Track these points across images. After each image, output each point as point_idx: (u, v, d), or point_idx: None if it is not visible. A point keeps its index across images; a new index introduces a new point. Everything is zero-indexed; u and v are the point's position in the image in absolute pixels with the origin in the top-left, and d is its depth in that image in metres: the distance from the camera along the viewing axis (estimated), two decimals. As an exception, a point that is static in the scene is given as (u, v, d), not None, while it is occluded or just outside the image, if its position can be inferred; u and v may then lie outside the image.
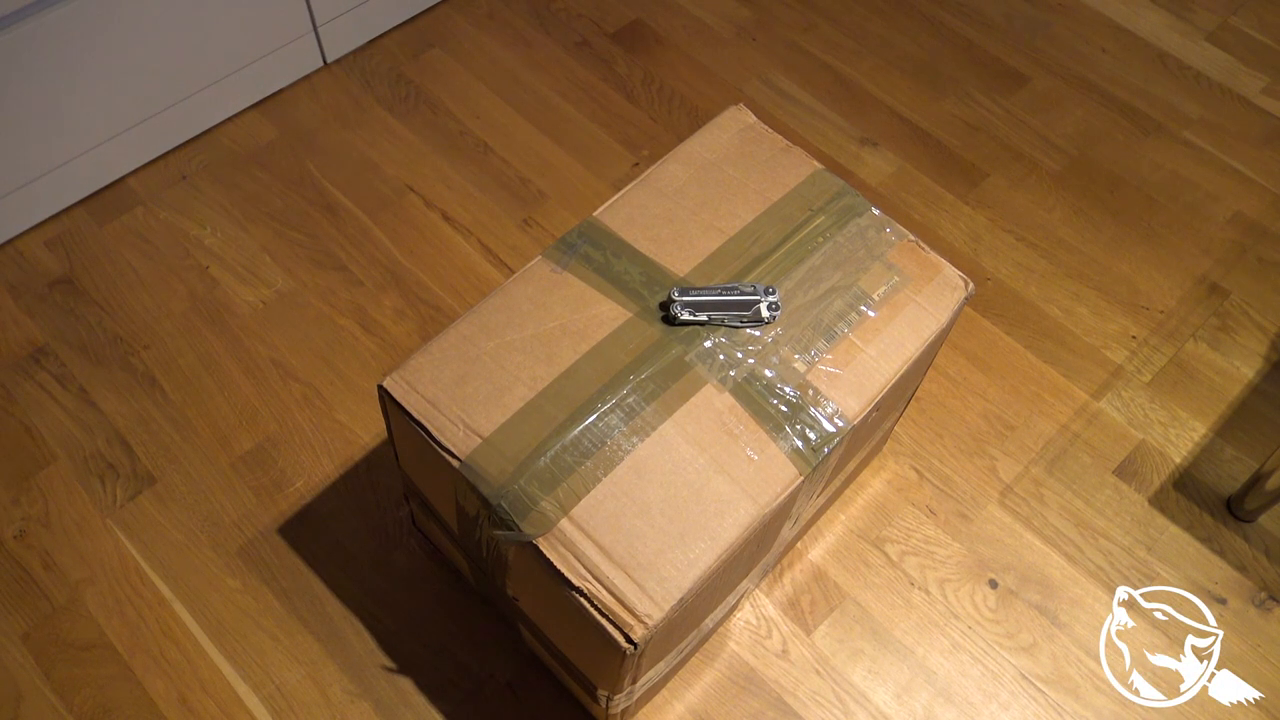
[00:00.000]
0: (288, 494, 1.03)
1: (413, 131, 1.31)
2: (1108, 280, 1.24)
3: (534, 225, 1.24)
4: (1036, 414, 1.13)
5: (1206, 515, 1.08)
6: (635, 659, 0.69)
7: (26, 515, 1.01)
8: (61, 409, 1.07)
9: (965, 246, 1.26)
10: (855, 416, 0.76)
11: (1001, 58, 1.45)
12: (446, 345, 0.76)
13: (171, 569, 0.99)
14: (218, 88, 1.26)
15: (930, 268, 0.83)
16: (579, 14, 1.45)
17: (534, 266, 0.80)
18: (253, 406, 1.08)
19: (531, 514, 0.69)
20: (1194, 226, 1.29)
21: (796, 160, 0.88)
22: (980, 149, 1.35)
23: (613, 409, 0.73)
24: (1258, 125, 1.40)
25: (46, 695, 0.92)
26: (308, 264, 1.19)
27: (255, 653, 0.95)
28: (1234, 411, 1.15)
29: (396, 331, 1.14)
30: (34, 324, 1.13)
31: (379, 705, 0.92)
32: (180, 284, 1.17)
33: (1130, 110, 1.40)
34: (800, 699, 0.95)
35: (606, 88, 1.37)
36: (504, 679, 0.94)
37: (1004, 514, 1.06)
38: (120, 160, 1.22)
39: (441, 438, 0.72)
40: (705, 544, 0.69)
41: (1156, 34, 1.49)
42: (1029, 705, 0.96)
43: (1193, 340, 1.20)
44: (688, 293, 0.77)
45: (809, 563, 1.02)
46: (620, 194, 0.85)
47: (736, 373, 0.76)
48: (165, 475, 1.04)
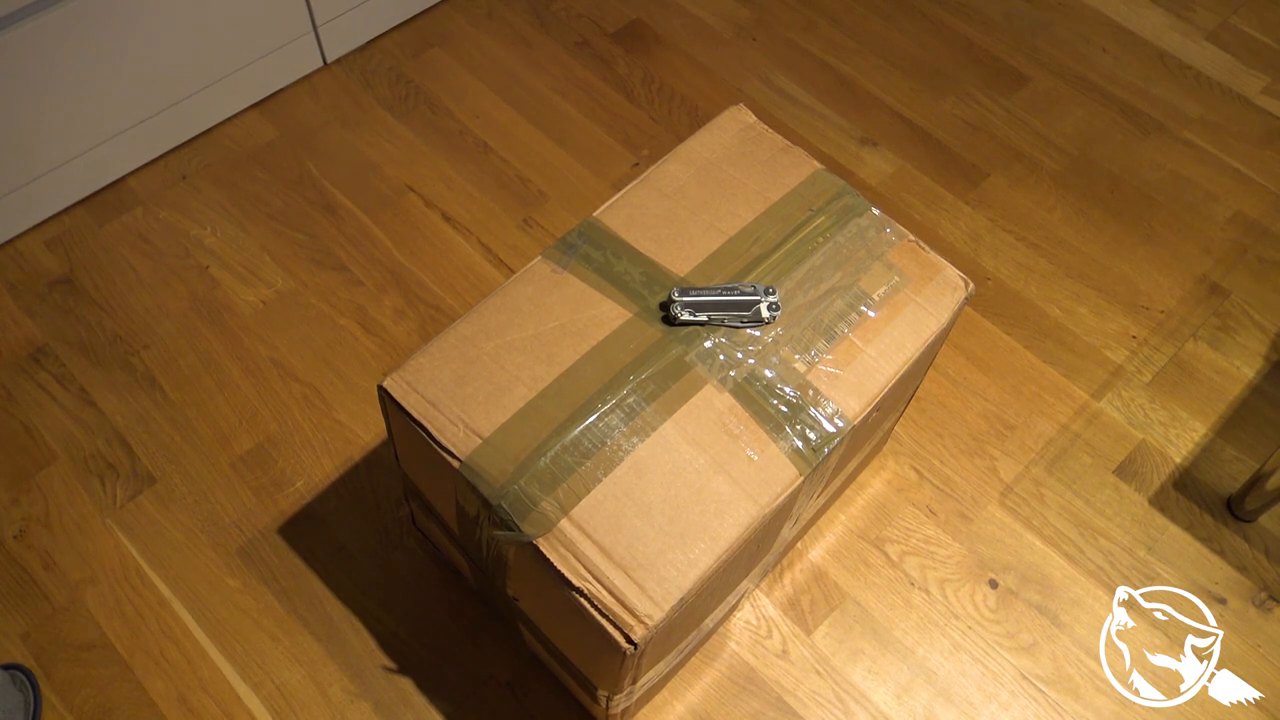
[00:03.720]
0: (288, 494, 1.03)
1: (413, 131, 1.31)
2: (1108, 280, 1.24)
3: (534, 225, 1.24)
4: (1037, 414, 1.13)
5: (1206, 515, 1.08)
6: (635, 659, 0.69)
7: (26, 515, 1.01)
8: (61, 409, 1.07)
9: (965, 246, 1.26)
10: (855, 417, 0.76)
11: (1002, 57, 1.45)
12: (446, 345, 0.76)
13: (171, 569, 0.99)
14: (218, 88, 1.26)
15: (930, 268, 0.83)
16: (579, 14, 1.45)
17: (534, 266, 0.80)
18: (253, 406, 1.08)
19: (531, 514, 0.69)
20: (1194, 226, 1.29)
21: (796, 160, 0.88)
22: (980, 149, 1.35)
23: (613, 409, 0.73)
24: (1258, 125, 1.39)
25: (47, 695, 0.92)
26: (308, 264, 1.19)
27: (255, 653, 0.95)
28: (1234, 411, 1.15)
29: (396, 331, 1.14)
30: (34, 324, 1.13)
31: (379, 705, 0.92)
32: (180, 284, 1.17)
33: (1130, 110, 1.40)
34: (800, 699, 0.95)
35: (606, 87, 1.37)
36: (504, 679, 0.94)
37: (1004, 514, 1.06)
38: (120, 160, 1.22)
39: (441, 438, 0.72)
40: (705, 544, 0.69)
41: (1157, 34, 1.49)
42: (1029, 705, 0.96)
43: (1193, 340, 1.20)
44: (688, 293, 0.77)
45: (809, 563, 1.02)
46: (620, 194, 0.85)
47: (737, 373, 0.76)
48: (165, 475, 1.04)
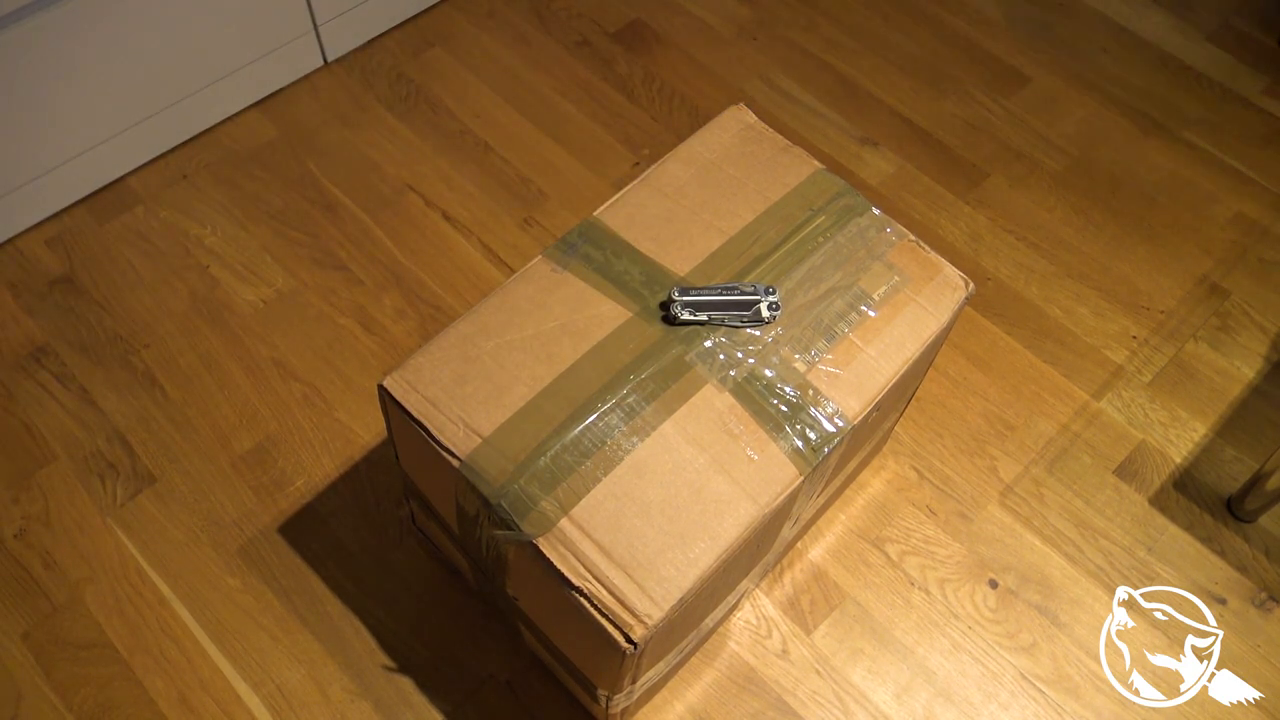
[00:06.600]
0: (288, 493, 1.03)
1: (413, 131, 1.31)
2: (1108, 280, 1.24)
3: (534, 225, 1.24)
4: (1037, 414, 1.13)
5: (1206, 515, 1.08)
6: (635, 659, 0.69)
7: (26, 514, 1.01)
8: (61, 408, 1.07)
9: (965, 246, 1.26)
10: (855, 416, 0.76)
11: (1002, 57, 1.45)
12: (446, 345, 0.76)
13: (171, 568, 0.99)
14: (218, 87, 1.26)
15: (930, 268, 0.83)
16: (579, 13, 1.45)
17: (534, 266, 0.80)
18: (253, 406, 1.08)
19: (531, 514, 0.69)
20: (1194, 226, 1.29)
21: (797, 160, 0.88)
22: (981, 149, 1.35)
23: (613, 409, 0.73)
24: (1258, 125, 1.39)
25: (46, 694, 0.92)
26: (308, 263, 1.19)
27: (255, 652, 0.95)
28: (1234, 412, 1.15)
29: (397, 331, 1.14)
30: (34, 323, 1.13)
31: (379, 705, 0.92)
32: (181, 283, 1.17)
33: (1131, 110, 1.40)
34: (800, 699, 0.95)
35: (607, 87, 1.37)
36: (504, 679, 0.94)
37: (1004, 514, 1.06)
38: (120, 159, 1.22)
39: (441, 437, 0.72)
40: (705, 544, 0.69)
41: (1157, 34, 1.49)
42: (1029, 705, 0.96)
43: (1193, 340, 1.20)
44: (688, 292, 0.77)
45: (809, 563, 1.02)
46: (621, 194, 0.85)
47: (736, 373, 0.76)
48: (165, 474, 1.04)
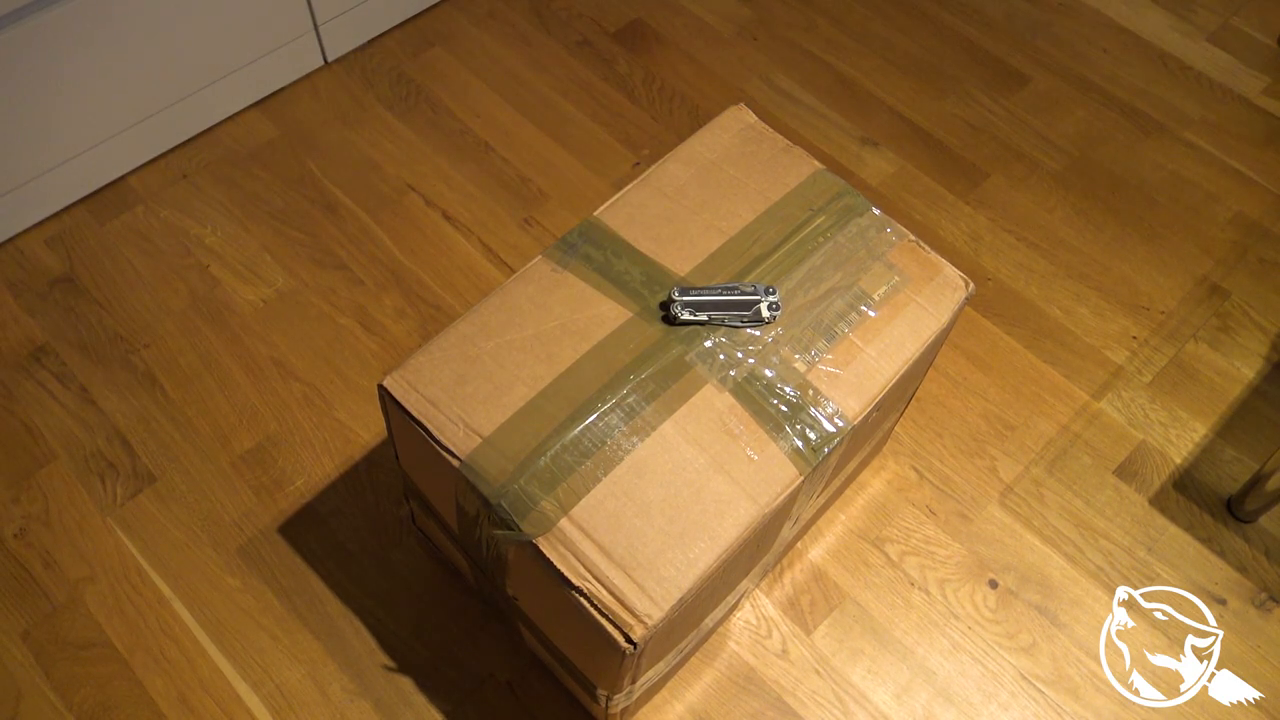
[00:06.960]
0: (288, 493, 1.03)
1: (413, 130, 1.31)
2: (1108, 280, 1.24)
3: (534, 224, 1.24)
4: (1037, 414, 1.13)
5: (1206, 515, 1.08)
6: (635, 659, 0.69)
7: (26, 514, 1.01)
8: (62, 407, 1.07)
9: (965, 246, 1.26)
10: (855, 416, 0.76)
11: (1002, 58, 1.45)
12: (447, 345, 0.76)
13: (171, 568, 0.99)
14: (218, 86, 1.26)
15: (930, 268, 0.83)
16: (580, 13, 1.45)
17: (534, 266, 0.80)
18: (253, 405, 1.08)
19: (531, 514, 0.69)
20: (1195, 227, 1.29)
21: (797, 160, 0.88)
22: (981, 149, 1.35)
23: (613, 409, 0.73)
24: (1259, 125, 1.39)
25: (46, 693, 0.92)
26: (308, 263, 1.19)
27: (255, 652, 0.95)
28: (1234, 412, 1.15)
29: (397, 331, 1.14)
30: (34, 322, 1.13)
31: (379, 705, 0.92)
32: (181, 283, 1.17)
33: (1131, 110, 1.40)
34: (800, 699, 0.95)
35: (607, 87, 1.37)
36: (504, 679, 0.94)
37: (1004, 514, 1.06)
38: (121, 159, 1.22)
39: (441, 437, 0.72)
40: (705, 544, 0.69)
41: (1158, 34, 1.49)
42: (1029, 705, 0.96)
43: (1193, 341, 1.20)
44: (688, 292, 0.77)
45: (809, 563, 1.02)
46: (621, 194, 0.85)
47: (737, 373, 0.76)
48: (165, 474, 1.04)
